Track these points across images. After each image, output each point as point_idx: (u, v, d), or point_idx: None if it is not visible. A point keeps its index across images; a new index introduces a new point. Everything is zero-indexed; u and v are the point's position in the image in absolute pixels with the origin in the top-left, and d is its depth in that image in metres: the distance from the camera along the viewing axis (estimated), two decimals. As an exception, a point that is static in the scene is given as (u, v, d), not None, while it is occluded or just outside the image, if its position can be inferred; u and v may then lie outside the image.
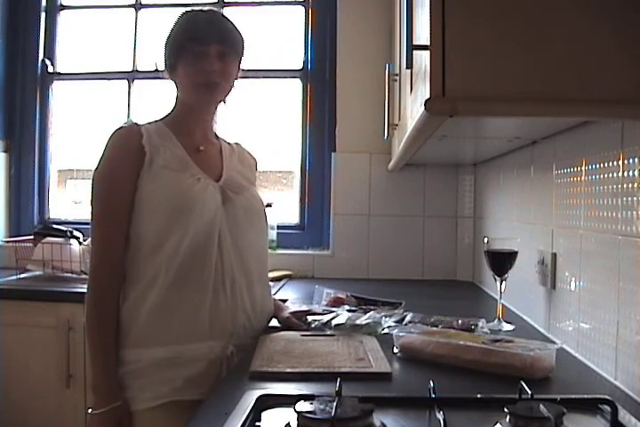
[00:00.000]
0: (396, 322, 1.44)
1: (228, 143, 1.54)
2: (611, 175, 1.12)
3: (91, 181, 1.33)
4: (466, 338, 1.20)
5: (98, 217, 1.32)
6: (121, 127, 1.35)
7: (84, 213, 3.02)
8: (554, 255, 1.42)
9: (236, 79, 1.41)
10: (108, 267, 1.30)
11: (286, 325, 1.48)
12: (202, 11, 1.39)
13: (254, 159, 1.60)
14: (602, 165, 1.16)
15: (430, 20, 0.89)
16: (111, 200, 1.30)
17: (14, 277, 2.37)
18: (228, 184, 1.39)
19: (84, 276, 2.36)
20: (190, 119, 1.42)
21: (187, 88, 1.37)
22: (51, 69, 2.90)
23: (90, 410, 1.27)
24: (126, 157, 1.30)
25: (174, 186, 1.30)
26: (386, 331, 1.30)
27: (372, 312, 1.53)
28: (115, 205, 1.30)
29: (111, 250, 1.30)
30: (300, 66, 2.77)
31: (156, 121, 1.41)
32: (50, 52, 2.91)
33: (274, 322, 1.50)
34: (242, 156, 1.55)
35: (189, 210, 1.29)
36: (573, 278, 1.31)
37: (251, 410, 0.87)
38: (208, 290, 1.30)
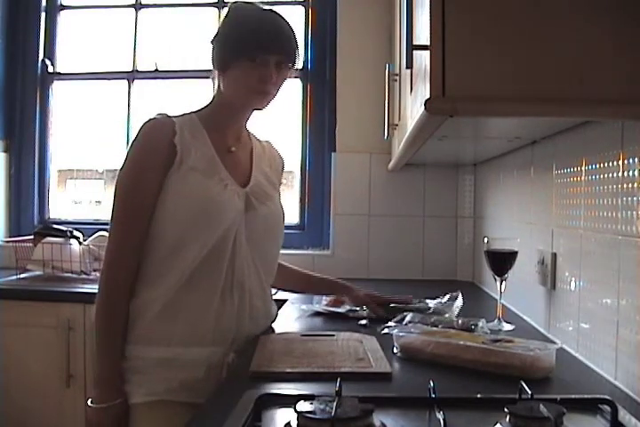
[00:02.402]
0: (396, 322, 1.44)
1: (259, 141, 1.52)
2: (611, 175, 1.12)
3: (116, 177, 1.30)
4: (466, 338, 1.20)
5: (118, 216, 1.29)
6: (152, 119, 1.31)
7: (84, 213, 3.03)
8: (554, 255, 1.42)
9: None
10: (122, 266, 1.28)
11: (364, 305, 1.66)
12: (265, 11, 1.35)
13: (282, 160, 1.59)
14: (602, 165, 1.16)
15: (430, 20, 0.89)
16: (135, 201, 1.27)
17: (14, 277, 2.37)
18: (255, 191, 1.38)
19: (83, 276, 2.36)
20: (226, 118, 1.40)
21: (238, 90, 1.33)
22: (51, 69, 2.90)
23: (89, 401, 1.27)
24: (156, 156, 1.26)
25: (201, 191, 1.28)
26: (386, 331, 1.30)
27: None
28: (137, 205, 1.27)
29: (127, 250, 1.28)
30: (300, 66, 2.76)
31: (191, 113, 1.38)
32: (50, 52, 2.90)
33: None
34: (271, 156, 1.54)
35: (211, 217, 1.28)
36: (573, 278, 1.31)
37: (251, 410, 0.87)
38: (216, 295, 1.29)
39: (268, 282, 1.44)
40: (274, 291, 1.56)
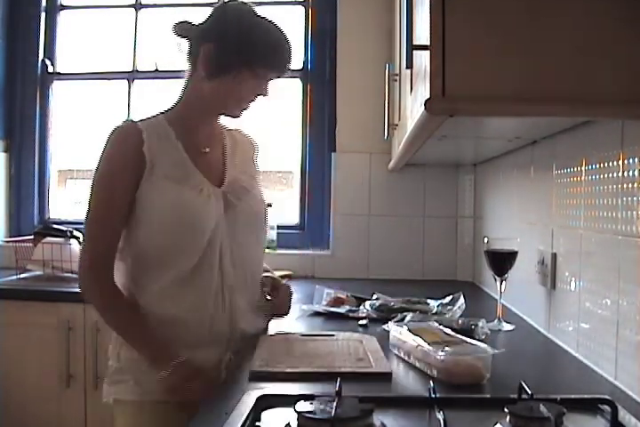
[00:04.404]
0: (396, 322, 1.44)
1: (230, 131, 1.48)
2: (611, 175, 1.12)
3: (91, 182, 1.31)
4: (427, 337, 1.16)
5: (92, 218, 1.30)
6: (119, 127, 1.30)
7: (83, 213, 3.02)
8: (554, 255, 1.42)
9: None
10: (97, 269, 1.28)
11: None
12: (268, 22, 1.31)
13: (254, 145, 1.52)
14: (602, 165, 1.16)
15: (430, 20, 0.89)
16: (108, 204, 1.28)
17: (14, 277, 2.37)
18: (231, 189, 1.35)
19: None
20: (199, 120, 1.37)
21: (230, 98, 1.32)
22: (51, 69, 2.89)
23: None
24: (126, 163, 1.26)
25: (175, 200, 1.27)
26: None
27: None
28: (111, 208, 1.28)
29: (102, 252, 1.28)
30: (300, 66, 2.76)
31: (157, 115, 1.36)
32: (50, 52, 2.90)
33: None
34: (242, 144, 1.48)
35: (192, 226, 1.27)
36: (573, 278, 1.31)
37: (251, 410, 0.87)
38: (209, 299, 1.29)
39: (257, 277, 1.41)
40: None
